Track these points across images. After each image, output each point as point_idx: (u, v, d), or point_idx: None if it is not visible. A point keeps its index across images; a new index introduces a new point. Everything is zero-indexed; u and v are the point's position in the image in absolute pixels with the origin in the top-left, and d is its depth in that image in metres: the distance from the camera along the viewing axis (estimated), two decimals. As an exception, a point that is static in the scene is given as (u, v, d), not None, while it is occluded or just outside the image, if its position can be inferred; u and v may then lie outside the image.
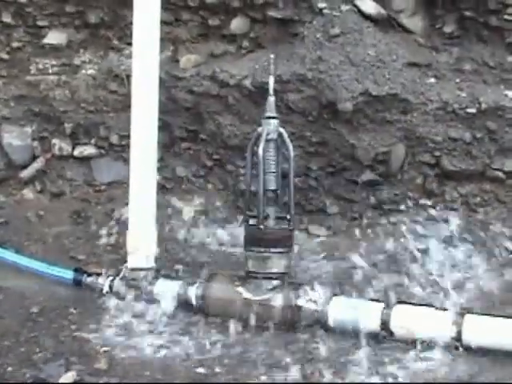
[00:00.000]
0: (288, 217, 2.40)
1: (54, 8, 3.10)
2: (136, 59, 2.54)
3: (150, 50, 2.53)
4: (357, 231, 2.97)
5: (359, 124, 2.91)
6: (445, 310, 2.14)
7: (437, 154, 2.91)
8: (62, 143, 3.25)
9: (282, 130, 2.45)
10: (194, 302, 2.40)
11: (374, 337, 2.17)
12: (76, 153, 3.26)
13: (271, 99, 2.48)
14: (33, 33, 3.15)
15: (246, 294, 2.32)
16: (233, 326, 2.30)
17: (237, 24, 3.02)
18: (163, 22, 2.69)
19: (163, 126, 2.93)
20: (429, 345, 2.10)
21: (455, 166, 2.90)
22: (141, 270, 2.50)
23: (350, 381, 1.98)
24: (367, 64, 2.87)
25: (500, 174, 2.89)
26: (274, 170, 2.42)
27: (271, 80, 2.50)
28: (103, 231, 2.97)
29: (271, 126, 2.43)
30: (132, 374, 2.06)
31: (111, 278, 2.54)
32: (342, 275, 2.65)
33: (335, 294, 2.31)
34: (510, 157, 2.86)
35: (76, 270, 2.60)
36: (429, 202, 2.97)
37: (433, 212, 2.95)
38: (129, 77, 2.84)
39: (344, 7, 2.93)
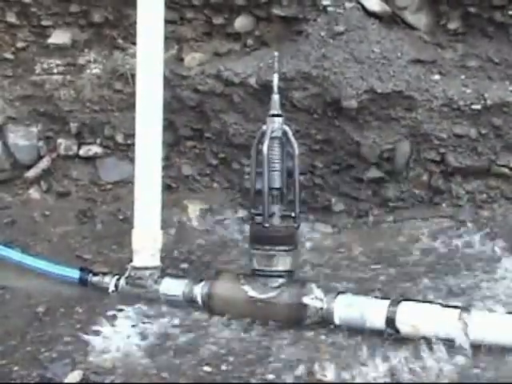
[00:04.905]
0: (293, 215, 2.40)
1: (59, 8, 3.10)
2: (140, 58, 2.55)
3: (155, 49, 2.53)
4: (362, 229, 2.97)
5: (364, 121, 2.91)
6: (450, 306, 2.14)
7: (442, 150, 2.90)
8: (68, 143, 3.26)
9: (286, 127, 2.44)
10: (199, 300, 2.40)
11: (379, 334, 2.16)
12: (81, 152, 3.26)
13: (275, 97, 2.47)
14: (37, 32, 3.15)
15: (252, 292, 2.32)
16: (238, 325, 2.30)
17: (241, 22, 3.02)
18: (167, 21, 2.69)
19: (168, 125, 2.94)
20: (434, 342, 2.10)
21: (461, 162, 2.89)
22: (146, 268, 2.50)
23: (356, 379, 1.97)
24: (372, 61, 2.86)
25: (506, 170, 2.88)
26: (279, 168, 2.41)
27: (275, 78, 2.49)
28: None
29: (276, 124, 2.43)
30: (138, 372, 2.06)
31: (117, 277, 2.54)
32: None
33: (341, 292, 2.31)
34: (515, 153, 2.87)
35: (82, 269, 2.60)
36: (435, 199, 2.97)
37: (439, 209, 2.96)
38: (133, 76, 2.84)
39: (348, 4, 2.92)
